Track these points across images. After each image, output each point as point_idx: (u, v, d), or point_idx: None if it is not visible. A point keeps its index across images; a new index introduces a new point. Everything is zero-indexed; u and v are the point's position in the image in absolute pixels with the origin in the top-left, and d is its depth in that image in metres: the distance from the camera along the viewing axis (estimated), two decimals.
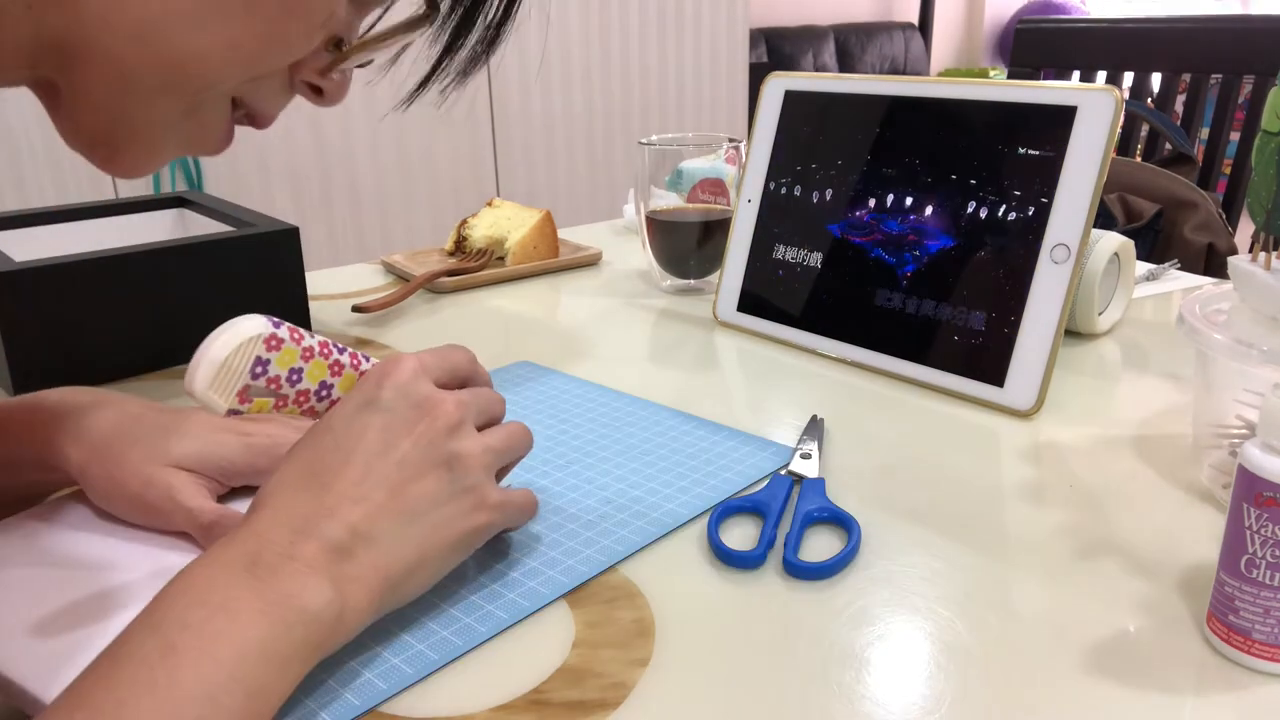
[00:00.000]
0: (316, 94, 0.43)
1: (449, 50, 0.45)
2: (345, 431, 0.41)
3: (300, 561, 0.36)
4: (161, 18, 0.35)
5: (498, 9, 0.45)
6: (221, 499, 0.47)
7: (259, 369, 0.42)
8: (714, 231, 0.87)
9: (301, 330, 0.44)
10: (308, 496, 0.39)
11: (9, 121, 1.69)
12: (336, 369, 0.44)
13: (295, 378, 0.43)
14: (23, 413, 0.48)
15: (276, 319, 0.43)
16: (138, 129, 0.38)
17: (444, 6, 0.43)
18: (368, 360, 0.45)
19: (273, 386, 0.42)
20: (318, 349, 0.44)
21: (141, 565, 0.44)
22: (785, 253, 0.76)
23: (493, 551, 0.46)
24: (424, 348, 0.45)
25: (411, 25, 0.42)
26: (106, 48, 0.35)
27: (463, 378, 0.45)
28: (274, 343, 0.42)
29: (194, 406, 0.47)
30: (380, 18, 0.44)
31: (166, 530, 0.46)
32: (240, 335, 0.41)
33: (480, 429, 0.44)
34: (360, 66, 0.44)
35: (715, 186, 0.89)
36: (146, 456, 0.46)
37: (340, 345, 0.45)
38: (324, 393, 0.44)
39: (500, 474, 0.46)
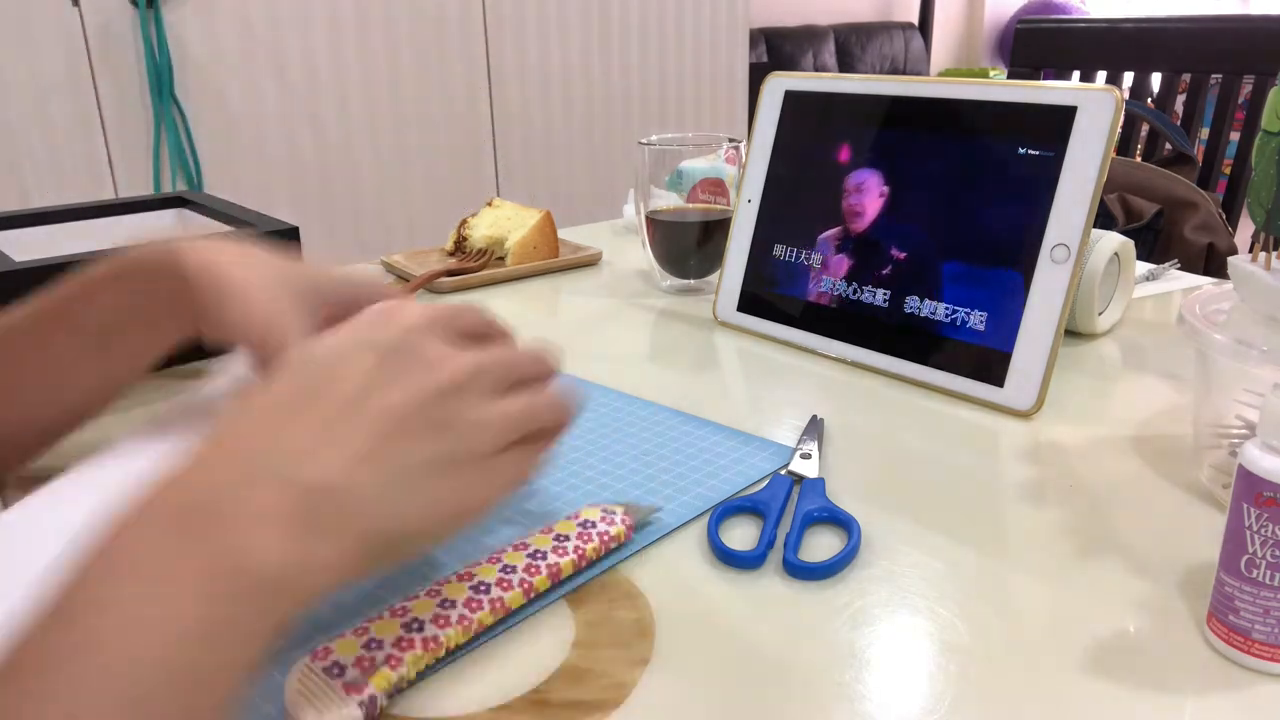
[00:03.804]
0: None
1: None
2: (325, 366, 0.35)
3: (251, 508, 0.30)
4: None
5: None
6: None
7: None
8: (714, 231, 0.87)
9: None
10: (268, 432, 0.33)
11: (9, 122, 1.69)
12: None
13: None
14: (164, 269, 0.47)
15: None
16: None
17: None
18: None
19: None
20: None
21: None
22: (785, 253, 0.76)
23: None
24: None
25: None
26: None
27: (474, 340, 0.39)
28: None
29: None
30: None
31: None
32: None
33: (510, 390, 0.38)
34: None
35: (715, 186, 0.89)
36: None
37: None
38: None
39: (531, 443, 0.39)
